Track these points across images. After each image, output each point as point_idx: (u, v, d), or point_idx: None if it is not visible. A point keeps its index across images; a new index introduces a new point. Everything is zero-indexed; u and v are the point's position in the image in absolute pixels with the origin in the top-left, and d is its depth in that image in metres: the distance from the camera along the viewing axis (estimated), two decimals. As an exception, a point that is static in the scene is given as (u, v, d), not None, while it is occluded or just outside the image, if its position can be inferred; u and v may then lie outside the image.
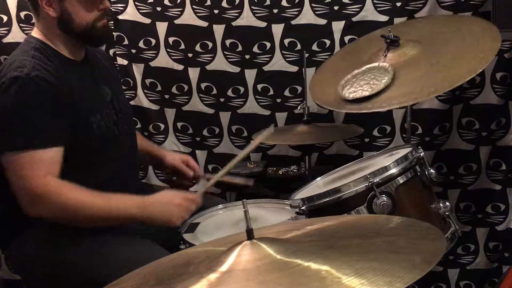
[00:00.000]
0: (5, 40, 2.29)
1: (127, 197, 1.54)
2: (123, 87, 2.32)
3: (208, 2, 2.21)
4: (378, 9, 2.14)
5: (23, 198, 1.45)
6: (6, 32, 2.28)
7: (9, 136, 1.44)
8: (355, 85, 1.58)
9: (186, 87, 2.31)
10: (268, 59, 2.25)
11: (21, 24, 2.28)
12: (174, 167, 1.87)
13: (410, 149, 1.49)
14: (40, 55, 1.52)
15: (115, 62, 2.30)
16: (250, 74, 2.27)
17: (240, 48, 2.24)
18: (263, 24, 2.21)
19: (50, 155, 1.45)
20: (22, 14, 2.27)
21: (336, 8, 2.17)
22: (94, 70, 1.68)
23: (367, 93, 1.53)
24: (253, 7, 2.20)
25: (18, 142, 1.43)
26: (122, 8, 2.24)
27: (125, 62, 2.32)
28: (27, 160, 1.43)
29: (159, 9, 2.24)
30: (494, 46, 1.49)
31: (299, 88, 2.24)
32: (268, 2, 2.19)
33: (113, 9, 2.22)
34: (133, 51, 2.30)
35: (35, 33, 1.59)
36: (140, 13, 2.25)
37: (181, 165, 1.87)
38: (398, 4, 2.12)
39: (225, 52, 2.25)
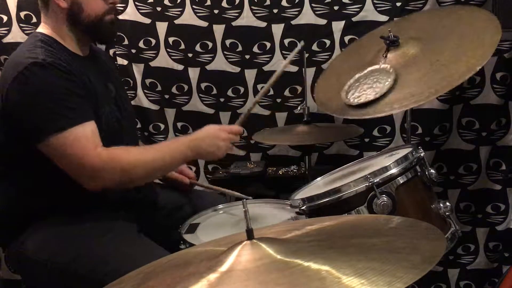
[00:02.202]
0: (5, 40, 2.29)
1: (175, 142, 1.63)
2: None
3: (208, 2, 2.21)
4: (378, 9, 2.14)
5: (83, 174, 1.45)
6: (6, 32, 2.28)
7: (49, 119, 1.44)
8: (358, 90, 1.57)
9: (186, 87, 2.31)
10: (268, 59, 2.25)
11: (21, 24, 2.28)
12: (169, 177, 1.89)
13: (410, 149, 1.49)
14: (48, 47, 1.53)
15: (115, 62, 2.30)
16: (250, 74, 2.27)
17: (240, 48, 2.25)
18: (263, 24, 2.21)
19: (90, 128, 1.48)
20: (22, 14, 2.27)
21: (336, 8, 2.17)
22: (99, 66, 1.69)
23: (371, 97, 1.52)
24: (253, 7, 2.20)
25: (59, 123, 1.43)
26: (122, 8, 2.24)
27: (125, 62, 2.32)
28: (74, 137, 1.44)
29: (159, 9, 2.24)
30: (494, 39, 1.47)
31: (299, 88, 2.24)
32: (268, 2, 2.19)
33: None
34: (133, 51, 2.30)
35: (42, 28, 1.61)
36: (140, 13, 2.25)
37: (174, 174, 1.88)
38: (398, 4, 2.13)
39: (225, 52, 2.25)
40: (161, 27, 2.26)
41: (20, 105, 1.45)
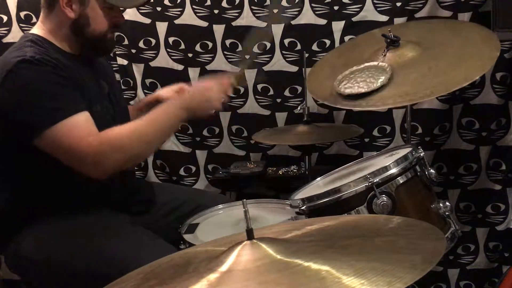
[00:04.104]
0: (5, 40, 2.29)
1: (165, 106, 1.58)
2: (123, 87, 2.32)
3: (208, 2, 2.21)
4: (378, 9, 2.14)
5: (83, 164, 1.44)
6: (6, 32, 2.28)
7: (41, 114, 1.43)
8: (351, 81, 1.58)
9: (186, 87, 2.31)
10: (268, 59, 2.25)
11: (21, 24, 2.28)
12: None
13: (410, 149, 1.49)
14: (37, 46, 1.52)
15: (114, 62, 2.30)
16: (250, 74, 2.27)
17: (240, 48, 2.25)
18: (263, 24, 2.21)
19: (83, 118, 1.46)
20: (22, 14, 2.27)
21: (336, 8, 2.17)
22: (92, 64, 1.68)
23: (362, 90, 1.53)
24: (253, 7, 2.20)
25: (52, 116, 1.42)
26: (122, 8, 2.24)
27: (125, 62, 2.32)
28: (67, 129, 1.42)
29: (159, 9, 2.24)
30: (493, 55, 1.51)
31: (299, 88, 2.24)
32: (268, 2, 2.19)
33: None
34: (133, 51, 2.30)
35: (35, 29, 1.59)
36: (140, 13, 2.25)
37: (175, 95, 1.86)
38: (398, 4, 2.12)
39: (225, 52, 2.25)
40: (161, 27, 2.26)
41: (11, 103, 1.45)
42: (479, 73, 1.47)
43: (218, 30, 2.23)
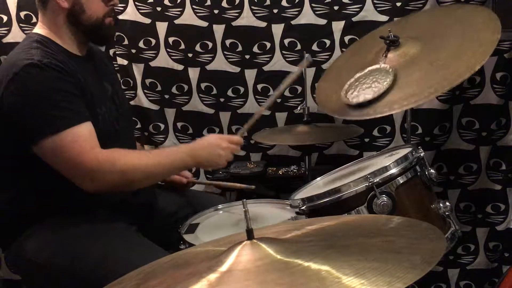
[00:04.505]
0: (5, 40, 2.29)
1: (176, 149, 1.64)
2: (123, 87, 2.32)
3: (208, 2, 2.21)
4: (378, 9, 2.14)
5: (80, 175, 1.44)
6: (6, 32, 2.28)
7: (45, 120, 1.43)
8: (358, 89, 1.57)
9: (186, 87, 2.31)
10: (268, 59, 2.25)
11: (21, 24, 2.28)
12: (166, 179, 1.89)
13: (410, 149, 1.49)
14: (44, 47, 1.52)
15: (115, 62, 2.30)
16: (250, 74, 2.27)
17: (240, 48, 2.25)
18: (263, 24, 2.21)
19: (87, 129, 1.46)
20: (22, 14, 2.27)
21: (336, 8, 2.17)
22: (96, 65, 1.69)
23: (369, 97, 1.52)
24: (253, 7, 2.20)
25: (56, 124, 1.42)
26: (122, 8, 2.24)
27: (125, 62, 2.32)
28: (70, 139, 1.42)
29: (159, 9, 2.24)
30: (494, 37, 1.47)
31: (299, 88, 2.24)
32: (268, 2, 2.19)
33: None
34: (133, 51, 2.30)
35: (38, 28, 1.60)
36: (140, 13, 2.25)
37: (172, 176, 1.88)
38: (398, 4, 2.13)
39: (225, 52, 2.25)
40: (161, 27, 2.26)
41: (16, 107, 1.44)
42: (480, 62, 1.43)
43: (218, 30, 2.23)
